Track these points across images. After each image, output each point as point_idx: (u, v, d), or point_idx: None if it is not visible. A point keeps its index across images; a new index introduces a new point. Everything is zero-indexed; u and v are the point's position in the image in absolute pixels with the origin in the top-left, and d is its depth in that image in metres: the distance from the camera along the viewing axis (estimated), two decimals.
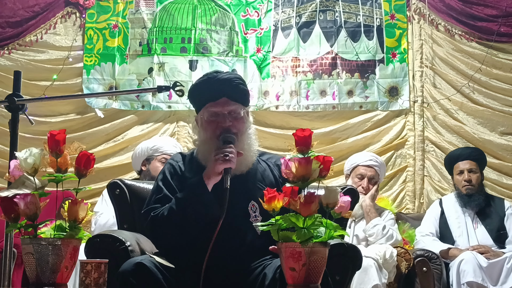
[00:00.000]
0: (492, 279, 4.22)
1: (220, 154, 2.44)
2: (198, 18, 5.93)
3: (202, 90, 2.63)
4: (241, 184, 2.53)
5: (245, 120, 2.64)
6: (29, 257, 1.77)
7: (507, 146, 5.62)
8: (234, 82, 2.62)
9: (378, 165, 4.72)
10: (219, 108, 2.58)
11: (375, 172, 4.68)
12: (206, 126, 2.61)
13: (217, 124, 2.56)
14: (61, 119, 5.84)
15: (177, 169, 2.66)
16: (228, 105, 2.59)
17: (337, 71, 5.81)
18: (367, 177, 4.65)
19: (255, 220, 2.53)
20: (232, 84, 2.61)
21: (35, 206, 1.79)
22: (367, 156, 4.79)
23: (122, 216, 3.11)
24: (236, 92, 2.62)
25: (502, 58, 5.75)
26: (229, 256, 2.44)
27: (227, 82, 2.60)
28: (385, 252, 4.22)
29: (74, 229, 1.81)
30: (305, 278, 1.88)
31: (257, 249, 2.48)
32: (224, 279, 2.42)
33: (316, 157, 1.98)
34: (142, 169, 4.49)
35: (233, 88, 2.61)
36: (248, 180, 2.59)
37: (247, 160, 2.60)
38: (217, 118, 2.58)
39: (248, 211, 2.54)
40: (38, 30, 5.91)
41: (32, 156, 1.80)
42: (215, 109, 2.59)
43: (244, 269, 2.45)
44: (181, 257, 2.45)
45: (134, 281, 2.28)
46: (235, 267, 2.44)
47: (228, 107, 2.58)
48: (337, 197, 1.99)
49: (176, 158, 2.74)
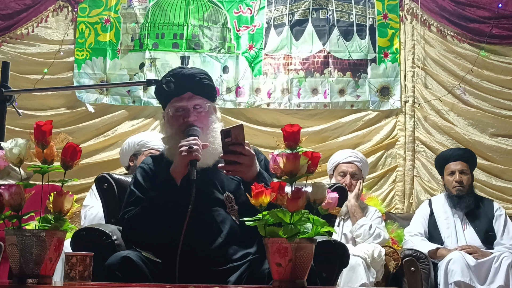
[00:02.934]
0: (480, 279, 4.23)
1: (184, 147, 2.44)
2: (191, 14, 5.92)
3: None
4: (213, 176, 2.58)
5: (211, 114, 2.66)
6: (13, 248, 1.75)
7: (497, 147, 5.64)
8: (197, 77, 2.65)
9: (359, 160, 4.71)
10: (183, 102, 2.61)
11: (357, 168, 4.68)
12: (171, 121, 2.63)
13: (182, 119, 2.59)
14: (51, 113, 5.81)
15: (148, 172, 2.67)
16: (193, 99, 2.62)
17: (329, 70, 5.81)
18: (349, 173, 4.66)
19: (231, 210, 2.55)
20: (195, 79, 2.64)
21: (20, 197, 1.77)
22: (347, 153, 4.80)
23: (110, 210, 3.10)
24: (201, 87, 2.65)
25: (493, 60, 5.77)
26: (210, 249, 2.44)
27: (191, 77, 2.64)
28: (373, 251, 4.22)
29: (59, 221, 1.80)
30: (291, 274, 1.87)
31: (237, 238, 2.49)
32: (208, 271, 2.41)
33: (304, 153, 1.97)
34: (130, 164, 4.47)
35: (197, 83, 2.63)
36: (219, 173, 2.57)
37: (213, 154, 2.59)
38: (182, 112, 2.60)
39: (224, 202, 2.56)
40: (30, 23, 5.89)
41: (18, 147, 1.79)
42: (179, 103, 2.61)
43: (228, 260, 2.45)
44: (160, 252, 2.44)
45: (120, 274, 2.28)
46: (217, 259, 2.44)
47: (193, 102, 2.61)
48: (325, 193, 1.98)
49: (146, 161, 2.76)
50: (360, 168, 4.71)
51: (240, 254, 2.48)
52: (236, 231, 2.50)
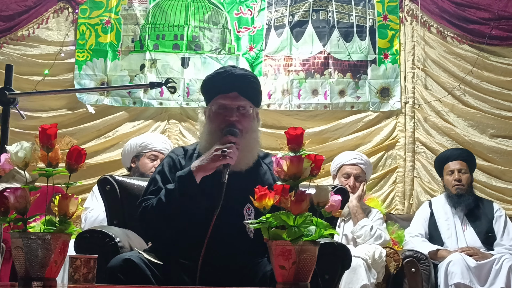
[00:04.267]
0: (480, 281, 4.24)
1: (219, 151, 2.42)
2: (191, 15, 5.92)
3: (215, 81, 2.63)
4: (239, 184, 2.46)
5: (252, 119, 2.62)
6: (18, 251, 1.76)
7: (497, 148, 5.65)
8: (248, 79, 2.62)
9: (364, 163, 4.72)
10: (228, 101, 2.57)
11: (361, 170, 4.69)
12: (213, 117, 2.59)
13: (224, 117, 2.56)
14: (52, 114, 5.81)
15: (176, 163, 2.64)
16: (238, 100, 2.58)
17: (329, 71, 5.82)
18: (353, 175, 4.66)
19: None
20: (245, 80, 2.61)
21: (25, 200, 1.78)
22: (352, 155, 4.80)
23: (112, 212, 3.11)
24: (248, 89, 2.61)
25: (493, 61, 5.78)
26: (220, 256, 2.42)
27: (241, 77, 2.61)
28: (374, 252, 4.23)
29: (64, 224, 1.80)
30: (294, 276, 1.88)
31: (250, 249, 2.46)
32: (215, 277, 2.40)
33: (308, 156, 1.98)
34: (132, 165, 4.47)
35: (246, 85, 2.61)
36: (247, 181, 2.47)
37: (247, 158, 2.57)
38: (225, 111, 2.57)
39: (242, 213, 2.51)
40: (30, 25, 5.88)
41: (23, 150, 1.79)
42: (224, 101, 2.58)
43: (235, 269, 2.44)
44: (172, 252, 2.44)
45: (122, 276, 2.28)
46: (225, 267, 2.42)
47: (238, 102, 2.57)
48: (328, 195, 1.99)
49: (177, 152, 2.73)
50: (364, 170, 4.71)
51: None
52: (251, 245, 2.47)
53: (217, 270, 2.40)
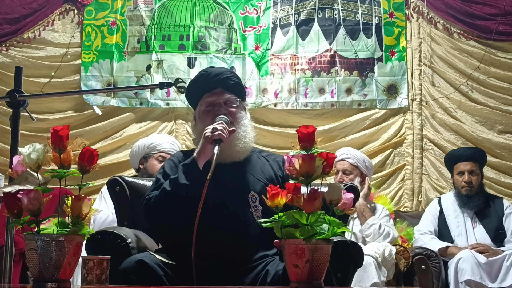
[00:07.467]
0: (491, 277, 4.23)
1: (209, 128, 2.52)
2: (197, 15, 5.92)
3: (198, 83, 2.76)
4: (240, 174, 2.63)
5: (240, 110, 2.74)
6: (32, 253, 1.76)
7: (505, 144, 5.63)
8: (226, 75, 2.76)
9: (351, 157, 4.67)
10: (215, 97, 2.71)
11: (348, 164, 4.64)
12: (203, 117, 2.71)
13: (213, 114, 2.67)
14: (59, 116, 5.82)
15: (177, 164, 2.65)
16: (223, 94, 2.72)
17: (336, 69, 5.81)
18: (341, 170, 4.66)
19: (255, 210, 2.57)
20: (225, 76, 2.75)
21: (39, 202, 1.78)
22: (340, 152, 4.77)
23: (122, 213, 3.10)
24: (230, 84, 2.74)
25: (500, 57, 5.76)
26: (229, 244, 2.45)
27: (220, 74, 2.76)
28: (384, 250, 4.22)
29: (77, 225, 1.80)
30: (308, 275, 1.87)
31: (257, 239, 2.49)
32: (224, 271, 2.41)
33: (320, 154, 1.97)
34: (140, 167, 4.47)
35: (227, 80, 2.74)
36: (247, 171, 2.66)
37: (243, 146, 2.67)
38: (213, 107, 2.69)
39: (248, 201, 2.57)
40: (36, 27, 5.89)
41: (36, 152, 1.79)
42: (211, 98, 2.71)
43: (245, 260, 2.45)
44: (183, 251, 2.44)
45: (135, 278, 2.29)
46: (235, 257, 2.44)
47: (223, 96, 2.71)
48: (341, 194, 1.98)
49: (177, 155, 2.79)
50: (353, 164, 4.64)
51: (259, 256, 2.48)
52: (257, 232, 2.47)
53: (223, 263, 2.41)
